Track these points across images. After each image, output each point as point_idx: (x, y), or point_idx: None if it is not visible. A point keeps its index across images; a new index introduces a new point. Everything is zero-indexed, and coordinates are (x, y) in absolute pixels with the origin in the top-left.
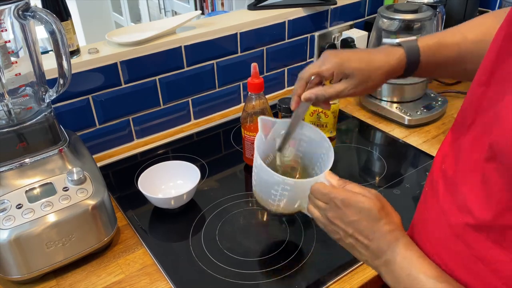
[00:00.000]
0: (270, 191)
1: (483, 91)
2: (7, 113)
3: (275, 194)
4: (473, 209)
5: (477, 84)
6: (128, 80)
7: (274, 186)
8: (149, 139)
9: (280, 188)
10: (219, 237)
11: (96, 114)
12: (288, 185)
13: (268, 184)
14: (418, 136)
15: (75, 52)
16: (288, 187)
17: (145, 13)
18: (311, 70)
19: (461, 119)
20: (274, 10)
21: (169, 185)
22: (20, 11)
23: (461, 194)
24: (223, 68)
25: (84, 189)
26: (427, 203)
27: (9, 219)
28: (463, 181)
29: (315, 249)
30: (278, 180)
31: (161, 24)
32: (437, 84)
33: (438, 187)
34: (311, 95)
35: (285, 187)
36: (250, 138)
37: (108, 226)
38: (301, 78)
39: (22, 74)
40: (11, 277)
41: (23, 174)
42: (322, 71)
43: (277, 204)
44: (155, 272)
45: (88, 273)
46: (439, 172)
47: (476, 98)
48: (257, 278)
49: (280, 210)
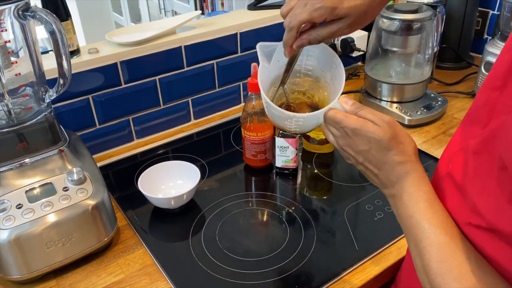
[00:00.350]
0: (284, 123)
1: (497, 95)
2: (7, 113)
3: (290, 124)
4: (485, 213)
5: (491, 87)
6: (128, 80)
7: (287, 119)
8: (149, 139)
9: (293, 121)
10: (219, 237)
11: (96, 114)
12: (300, 118)
13: (280, 118)
14: (418, 136)
15: (75, 52)
16: (301, 119)
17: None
18: (301, 18)
19: (472, 120)
20: (274, 10)
21: (169, 185)
22: (20, 11)
23: (469, 195)
24: (223, 68)
25: (84, 189)
26: None
27: (9, 219)
28: (473, 183)
29: (315, 249)
30: (290, 115)
31: (161, 24)
32: (437, 84)
33: (444, 186)
34: (304, 41)
35: (298, 121)
36: (250, 138)
37: (108, 226)
38: (291, 28)
39: (22, 74)
40: (11, 277)
41: (23, 174)
42: (313, 18)
43: (294, 129)
44: (155, 272)
45: (88, 273)
46: (446, 172)
47: (491, 102)
48: (257, 278)
49: (299, 132)
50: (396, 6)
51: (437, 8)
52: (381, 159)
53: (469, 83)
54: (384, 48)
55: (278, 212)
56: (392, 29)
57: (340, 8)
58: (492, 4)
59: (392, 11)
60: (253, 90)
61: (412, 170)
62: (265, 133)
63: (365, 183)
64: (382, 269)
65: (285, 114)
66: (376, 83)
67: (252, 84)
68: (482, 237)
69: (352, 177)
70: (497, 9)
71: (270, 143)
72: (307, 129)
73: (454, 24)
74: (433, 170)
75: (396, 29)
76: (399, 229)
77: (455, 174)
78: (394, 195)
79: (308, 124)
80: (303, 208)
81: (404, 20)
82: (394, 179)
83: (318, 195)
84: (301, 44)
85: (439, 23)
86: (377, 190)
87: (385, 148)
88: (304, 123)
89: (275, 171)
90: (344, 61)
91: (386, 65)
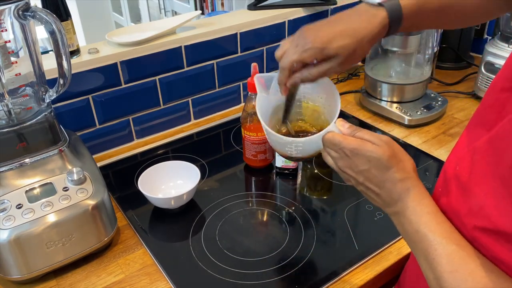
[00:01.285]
0: (285, 148)
1: (508, 96)
2: (7, 113)
3: (291, 150)
4: (491, 214)
5: (500, 89)
6: (128, 80)
7: (287, 145)
8: (149, 139)
9: (293, 147)
10: (219, 237)
11: (96, 114)
12: (299, 143)
13: (281, 144)
14: (418, 136)
15: (75, 52)
16: (300, 144)
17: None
18: (292, 58)
19: (479, 121)
20: (274, 10)
21: (169, 185)
22: (20, 11)
23: (476, 197)
24: (223, 68)
25: (84, 189)
26: (439, 203)
27: (9, 219)
28: (480, 185)
29: (315, 249)
30: (288, 140)
31: (161, 24)
32: (437, 84)
33: (451, 188)
34: (296, 79)
35: (298, 146)
36: (250, 138)
37: (108, 226)
38: (283, 69)
39: (22, 74)
40: (11, 277)
41: (23, 174)
42: (303, 58)
43: (296, 154)
44: (155, 272)
45: (88, 273)
46: (453, 174)
47: (500, 102)
48: (257, 278)
49: (301, 157)
50: None
51: None
52: (381, 177)
53: (469, 83)
54: (384, 48)
55: (278, 212)
56: None
57: (329, 48)
58: None
59: None
60: (253, 90)
61: (413, 186)
62: (265, 133)
63: None
64: (382, 269)
65: (284, 139)
66: (376, 83)
67: (252, 84)
68: (489, 239)
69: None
70: None
71: None
72: (308, 153)
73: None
74: (433, 170)
75: None
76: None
77: (461, 176)
78: (398, 212)
79: (308, 148)
80: (303, 208)
81: None
82: (396, 196)
83: (318, 195)
84: (294, 82)
85: None
86: None
87: (385, 166)
88: (304, 147)
89: (275, 171)
90: None
91: (386, 65)
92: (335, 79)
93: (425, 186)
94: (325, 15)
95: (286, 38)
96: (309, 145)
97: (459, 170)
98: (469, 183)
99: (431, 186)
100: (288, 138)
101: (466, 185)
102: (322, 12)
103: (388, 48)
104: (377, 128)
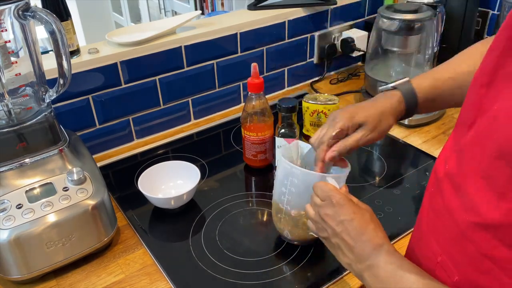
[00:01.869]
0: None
1: (485, 92)
2: (7, 113)
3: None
4: (480, 208)
5: (479, 85)
6: (128, 80)
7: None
8: (149, 139)
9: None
10: (219, 237)
11: (96, 114)
12: (294, 179)
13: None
14: (418, 136)
15: (75, 52)
16: (296, 181)
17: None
18: (329, 133)
19: (462, 120)
20: (274, 10)
21: (169, 185)
22: (20, 11)
23: (466, 194)
24: (223, 68)
25: (84, 189)
26: (432, 203)
27: (9, 219)
28: (468, 181)
29: (315, 249)
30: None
31: (161, 24)
32: None
33: (443, 187)
34: (334, 153)
35: (293, 181)
36: (250, 138)
37: (108, 226)
38: (322, 143)
39: (22, 74)
40: (11, 277)
41: (23, 174)
42: (337, 129)
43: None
44: (155, 272)
45: (88, 273)
46: (443, 173)
47: (478, 98)
48: (257, 278)
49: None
50: (396, 6)
51: (437, 8)
52: (360, 230)
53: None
54: (384, 48)
55: None
56: (392, 29)
57: (357, 117)
58: (492, 4)
59: (392, 11)
60: (253, 90)
61: (386, 243)
62: (265, 133)
63: (365, 183)
64: None
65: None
66: (376, 83)
67: (252, 84)
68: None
69: (352, 177)
70: (497, 9)
71: (270, 143)
72: (299, 204)
73: (454, 24)
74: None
75: (396, 29)
76: (399, 229)
77: (452, 173)
78: (371, 266)
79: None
80: None
81: (404, 20)
82: (369, 251)
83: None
84: (333, 156)
85: (439, 23)
86: (377, 190)
87: (367, 221)
88: (298, 186)
89: (275, 171)
90: (344, 61)
91: (386, 65)
92: (335, 79)
93: (425, 186)
94: (325, 15)
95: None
96: (304, 182)
97: (448, 168)
98: (458, 179)
99: None
100: (294, 167)
101: (456, 181)
102: (322, 12)
103: (388, 48)
104: None
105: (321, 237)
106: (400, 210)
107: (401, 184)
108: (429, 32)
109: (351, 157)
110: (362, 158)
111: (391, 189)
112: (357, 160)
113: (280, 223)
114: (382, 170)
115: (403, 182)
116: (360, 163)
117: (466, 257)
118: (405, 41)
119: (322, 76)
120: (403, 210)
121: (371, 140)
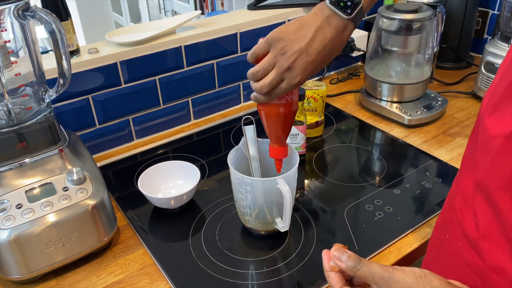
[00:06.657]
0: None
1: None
2: (7, 113)
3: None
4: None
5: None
6: (128, 80)
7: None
8: (149, 139)
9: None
10: (219, 237)
11: (96, 114)
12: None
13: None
14: (418, 136)
15: (75, 52)
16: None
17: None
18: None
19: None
20: (274, 10)
21: (169, 185)
22: (20, 11)
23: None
24: (223, 68)
25: (84, 189)
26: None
27: (9, 219)
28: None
29: (315, 249)
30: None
31: (161, 24)
32: (437, 84)
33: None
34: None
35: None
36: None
37: (108, 226)
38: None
39: (22, 74)
40: (11, 277)
41: (23, 174)
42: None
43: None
44: (155, 272)
45: (88, 273)
46: (473, 190)
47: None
48: (257, 278)
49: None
50: (396, 6)
51: (437, 8)
52: None
53: (469, 83)
54: (384, 48)
55: None
56: (392, 29)
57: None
58: (492, 4)
59: (392, 11)
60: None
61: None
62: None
63: (365, 183)
64: None
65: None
66: (376, 83)
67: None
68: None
69: (352, 177)
70: (497, 9)
71: None
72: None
73: (454, 24)
74: (433, 170)
75: (396, 29)
76: (399, 229)
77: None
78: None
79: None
80: (303, 208)
81: (404, 20)
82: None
83: (318, 195)
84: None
85: (439, 23)
86: (377, 190)
87: None
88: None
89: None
90: (344, 61)
91: (386, 65)
92: (335, 79)
93: (425, 186)
94: None
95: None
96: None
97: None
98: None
99: (431, 186)
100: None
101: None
102: None
103: (388, 48)
104: (377, 128)
105: None
106: (400, 210)
107: (401, 184)
108: (429, 32)
109: (351, 157)
110: (362, 158)
111: (391, 189)
112: (357, 160)
113: (248, 223)
114: (382, 170)
115: (403, 182)
116: (360, 163)
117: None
118: (405, 41)
119: (322, 76)
120: (403, 210)
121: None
